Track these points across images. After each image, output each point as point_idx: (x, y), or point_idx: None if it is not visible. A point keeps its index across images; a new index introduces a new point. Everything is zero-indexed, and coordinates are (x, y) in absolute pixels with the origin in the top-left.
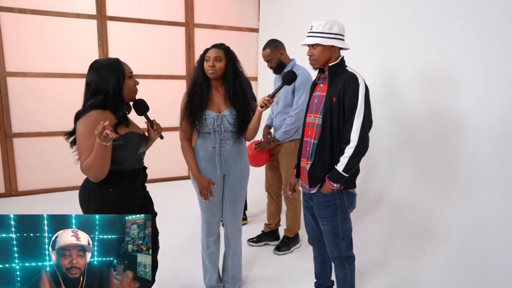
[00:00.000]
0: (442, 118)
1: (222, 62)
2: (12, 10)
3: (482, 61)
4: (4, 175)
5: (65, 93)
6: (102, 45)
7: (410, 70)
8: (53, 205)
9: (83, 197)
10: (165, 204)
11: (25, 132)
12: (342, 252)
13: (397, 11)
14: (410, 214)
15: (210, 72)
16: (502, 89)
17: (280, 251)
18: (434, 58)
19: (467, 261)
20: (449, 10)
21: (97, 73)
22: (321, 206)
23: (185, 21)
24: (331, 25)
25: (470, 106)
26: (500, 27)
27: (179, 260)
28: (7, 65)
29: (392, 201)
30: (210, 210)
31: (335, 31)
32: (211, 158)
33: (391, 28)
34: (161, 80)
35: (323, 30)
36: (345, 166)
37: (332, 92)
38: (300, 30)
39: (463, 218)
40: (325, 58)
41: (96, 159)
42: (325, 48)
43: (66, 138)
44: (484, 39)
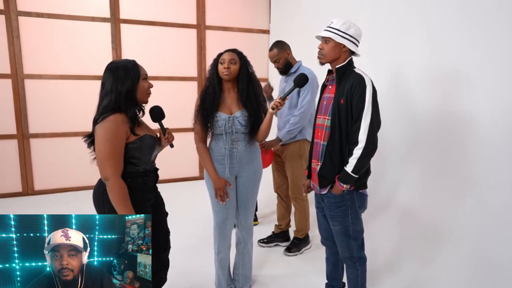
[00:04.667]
0: (453, 119)
1: (237, 64)
2: (30, 15)
3: (492, 61)
4: (21, 175)
5: (79, 95)
6: (115, 48)
7: (420, 71)
8: (68, 204)
9: (97, 197)
10: (177, 204)
11: (41, 132)
12: (354, 253)
13: (406, 13)
14: (421, 215)
15: (225, 73)
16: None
17: (290, 252)
18: (443, 58)
19: (479, 264)
20: (458, 11)
21: (112, 73)
22: (331, 206)
23: (196, 23)
24: (349, 26)
25: (481, 107)
26: (511, 27)
27: (191, 260)
28: (25, 67)
29: (403, 202)
30: (222, 212)
31: (351, 33)
32: (223, 160)
33: (401, 30)
34: (173, 82)
35: (340, 28)
36: (354, 167)
37: (340, 93)
38: (310, 31)
39: (476, 220)
40: (334, 55)
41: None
42: (337, 45)
43: (85, 140)
44: (494, 39)
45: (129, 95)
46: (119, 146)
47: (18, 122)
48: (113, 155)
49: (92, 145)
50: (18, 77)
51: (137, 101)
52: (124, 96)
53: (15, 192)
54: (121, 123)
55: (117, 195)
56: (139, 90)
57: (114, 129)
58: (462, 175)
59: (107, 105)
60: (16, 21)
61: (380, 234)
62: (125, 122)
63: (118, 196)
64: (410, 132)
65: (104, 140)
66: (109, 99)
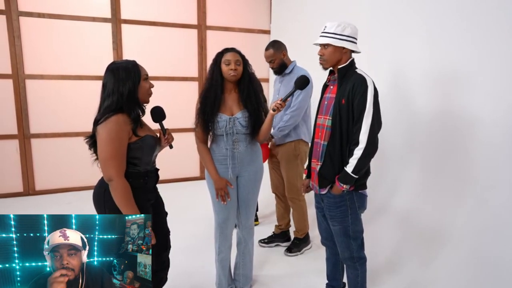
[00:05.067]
0: (453, 119)
1: (241, 65)
2: (31, 15)
3: (493, 61)
4: (23, 175)
5: (80, 95)
6: (116, 48)
7: (420, 71)
8: (69, 204)
9: (98, 197)
10: (178, 204)
11: (42, 133)
12: (353, 253)
13: (407, 13)
14: (421, 215)
15: (233, 74)
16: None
17: (291, 253)
18: (443, 58)
19: (480, 264)
20: (458, 11)
21: (113, 74)
22: (331, 207)
23: (197, 23)
24: (344, 27)
25: (482, 107)
26: (511, 27)
27: (191, 260)
28: (26, 67)
29: (403, 202)
30: (223, 212)
31: (348, 33)
32: (224, 160)
33: (401, 30)
34: (173, 82)
35: (336, 31)
36: (354, 167)
37: (341, 94)
38: (311, 31)
39: (476, 220)
40: (335, 59)
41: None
42: (336, 49)
43: (87, 142)
44: (495, 39)
45: (131, 96)
46: (121, 146)
47: (19, 122)
48: (116, 156)
49: (93, 146)
50: (19, 77)
51: (139, 102)
52: (126, 97)
53: (16, 192)
54: (123, 124)
55: (121, 195)
56: (140, 91)
57: (116, 129)
58: (462, 175)
59: (109, 106)
60: (17, 21)
61: (380, 234)
62: (127, 122)
63: (122, 196)
64: (410, 132)
65: (107, 141)
66: (111, 100)
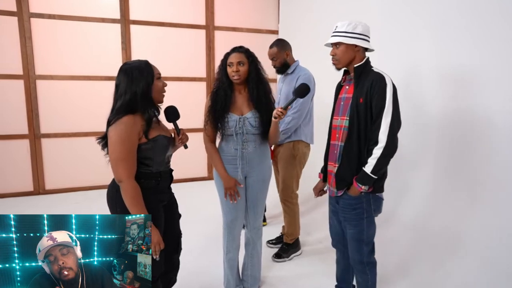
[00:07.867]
0: (466, 121)
1: (245, 66)
2: (42, 16)
3: (507, 61)
4: (33, 174)
5: (90, 96)
6: (125, 48)
7: (431, 71)
8: (79, 203)
9: (111, 197)
10: (186, 204)
11: (53, 133)
12: (364, 258)
13: (419, 13)
14: (433, 219)
15: (235, 77)
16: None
17: (280, 259)
18: (456, 58)
19: (494, 271)
20: (471, 10)
21: (126, 74)
22: (346, 209)
23: (205, 23)
24: (355, 25)
25: (496, 107)
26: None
27: (200, 260)
28: (37, 68)
29: (415, 205)
30: (231, 213)
31: (359, 31)
32: (233, 160)
33: (412, 30)
34: (182, 82)
35: (347, 30)
36: (374, 167)
37: (358, 93)
38: (320, 31)
39: (490, 225)
40: (348, 58)
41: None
42: (348, 47)
43: (99, 142)
44: (509, 38)
45: (145, 95)
46: (132, 147)
47: (30, 122)
48: (126, 157)
49: (106, 147)
50: (30, 78)
51: (153, 101)
52: (140, 96)
53: (27, 191)
54: (133, 124)
55: (131, 197)
56: (154, 90)
57: (127, 130)
58: (475, 178)
59: (121, 106)
60: (28, 23)
61: (391, 238)
62: (138, 123)
63: (132, 198)
64: (422, 134)
65: (117, 142)
66: (123, 100)
